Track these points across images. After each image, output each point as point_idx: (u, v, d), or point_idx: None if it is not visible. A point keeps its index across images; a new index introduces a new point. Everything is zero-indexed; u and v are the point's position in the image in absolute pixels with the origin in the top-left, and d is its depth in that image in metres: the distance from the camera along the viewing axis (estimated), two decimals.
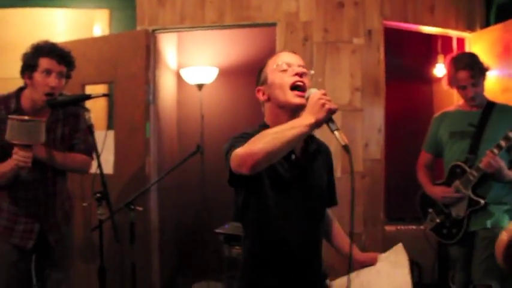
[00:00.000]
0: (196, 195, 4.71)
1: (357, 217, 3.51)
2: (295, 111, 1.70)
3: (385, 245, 3.66)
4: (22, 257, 2.58)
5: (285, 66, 1.76)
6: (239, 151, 1.57)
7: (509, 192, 2.98)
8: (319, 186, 1.89)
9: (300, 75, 1.74)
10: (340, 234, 2.07)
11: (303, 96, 1.69)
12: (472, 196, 2.91)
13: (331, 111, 1.56)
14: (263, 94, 1.80)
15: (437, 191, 3.08)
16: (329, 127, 1.58)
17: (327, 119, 1.56)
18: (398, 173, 3.29)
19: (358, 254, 1.99)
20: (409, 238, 3.28)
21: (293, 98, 1.71)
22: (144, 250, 3.69)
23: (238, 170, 1.59)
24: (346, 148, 1.54)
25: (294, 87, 1.72)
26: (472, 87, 2.98)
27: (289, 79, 1.73)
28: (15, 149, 2.30)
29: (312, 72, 1.89)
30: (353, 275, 1.89)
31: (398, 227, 3.98)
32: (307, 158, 1.84)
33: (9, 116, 2.31)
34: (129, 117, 3.79)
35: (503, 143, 2.75)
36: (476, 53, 3.19)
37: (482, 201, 2.88)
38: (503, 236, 1.41)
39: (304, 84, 1.73)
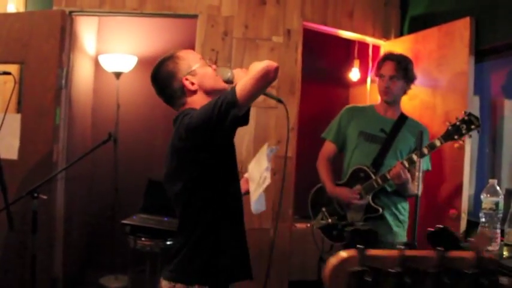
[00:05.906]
0: (108, 186, 4.59)
1: (266, 213, 3.52)
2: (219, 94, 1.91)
3: (293, 241, 3.78)
4: None
5: (208, 61, 2.09)
6: (258, 66, 1.72)
7: (406, 206, 2.98)
8: None
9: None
10: None
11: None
12: (372, 203, 2.88)
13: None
14: (192, 84, 1.97)
15: (343, 193, 2.97)
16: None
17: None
18: (308, 172, 3.33)
19: None
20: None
21: (223, 83, 2.00)
22: (47, 241, 3.53)
23: (263, 82, 1.72)
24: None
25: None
26: (389, 80, 2.92)
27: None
28: None
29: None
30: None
31: (308, 225, 4.07)
32: None
33: None
34: (38, 101, 3.61)
35: (414, 158, 2.60)
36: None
37: (381, 210, 2.86)
38: (332, 260, 1.42)
39: None
